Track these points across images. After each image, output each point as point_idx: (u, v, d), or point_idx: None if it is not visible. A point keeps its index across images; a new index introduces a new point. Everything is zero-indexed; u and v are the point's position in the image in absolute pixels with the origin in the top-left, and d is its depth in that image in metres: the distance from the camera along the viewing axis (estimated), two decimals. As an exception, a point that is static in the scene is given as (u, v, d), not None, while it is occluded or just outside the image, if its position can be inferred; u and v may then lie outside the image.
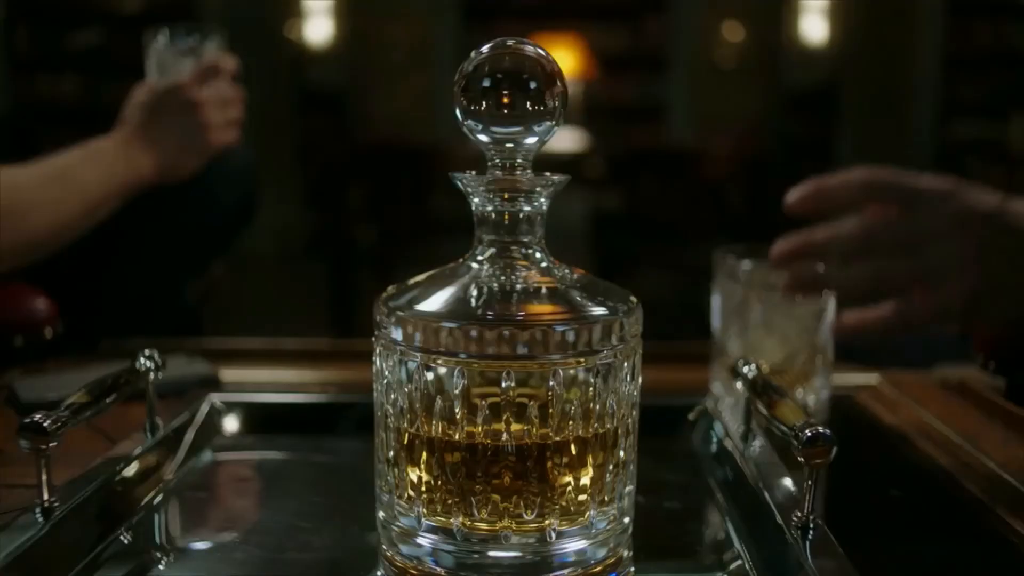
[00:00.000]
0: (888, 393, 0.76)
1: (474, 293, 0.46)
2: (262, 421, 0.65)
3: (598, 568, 0.45)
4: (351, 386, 0.74)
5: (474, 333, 0.43)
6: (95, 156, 0.97)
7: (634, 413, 0.47)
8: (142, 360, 0.57)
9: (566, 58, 5.02)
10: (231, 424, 0.64)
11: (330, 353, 0.90)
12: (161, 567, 0.46)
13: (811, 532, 0.43)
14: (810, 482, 0.44)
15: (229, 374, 0.77)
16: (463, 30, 7.85)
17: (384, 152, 4.31)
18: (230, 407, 0.65)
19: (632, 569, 0.46)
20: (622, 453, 0.47)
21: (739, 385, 0.56)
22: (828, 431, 0.43)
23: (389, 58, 7.90)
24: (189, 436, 0.60)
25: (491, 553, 0.44)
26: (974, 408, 0.72)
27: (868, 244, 0.67)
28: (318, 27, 7.53)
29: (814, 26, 7.22)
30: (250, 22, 6.32)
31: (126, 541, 0.48)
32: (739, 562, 0.47)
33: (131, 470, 0.53)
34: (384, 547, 0.46)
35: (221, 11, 6.89)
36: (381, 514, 0.47)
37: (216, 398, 0.65)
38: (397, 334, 0.45)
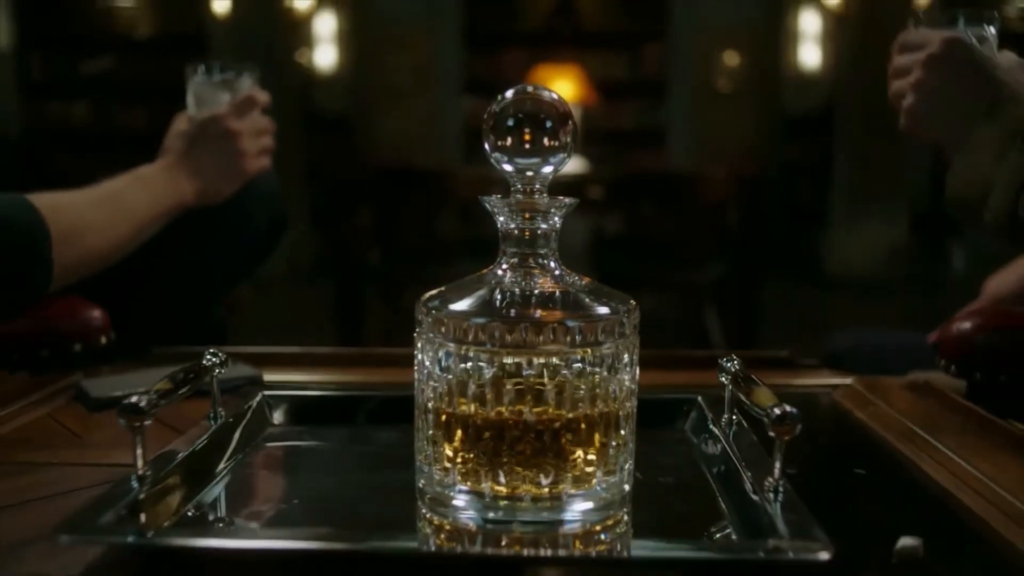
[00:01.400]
0: (861, 392, 0.85)
1: (499, 296, 0.55)
2: (306, 412, 0.74)
3: (599, 527, 0.54)
4: (376, 385, 0.83)
5: (500, 329, 0.52)
6: (142, 181, 1.07)
7: (633, 398, 0.56)
8: (208, 357, 0.66)
9: (567, 84, 5.12)
10: (279, 415, 0.73)
11: (350, 356, 0.99)
12: (233, 524, 0.55)
13: (780, 494, 0.52)
14: (780, 453, 0.53)
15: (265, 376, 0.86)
16: (465, 56, 7.99)
17: (389, 174, 4.41)
18: (278, 401, 0.74)
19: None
20: (623, 432, 0.56)
21: (723, 378, 0.65)
22: (794, 409, 0.52)
23: (393, 83, 8.03)
24: (245, 423, 0.69)
25: (513, 512, 0.53)
26: (936, 404, 0.81)
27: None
28: (324, 53, 7.67)
29: (810, 52, 7.34)
30: (259, 48, 6.44)
31: (204, 503, 0.57)
32: (723, 521, 0.56)
33: (204, 448, 0.61)
34: (424, 509, 0.55)
35: (230, 37, 7.03)
36: (421, 482, 0.56)
37: (264, 393, 0.74)
38: (436, 330, 0.54)
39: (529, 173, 0.54)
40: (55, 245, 0.91)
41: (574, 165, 5.14)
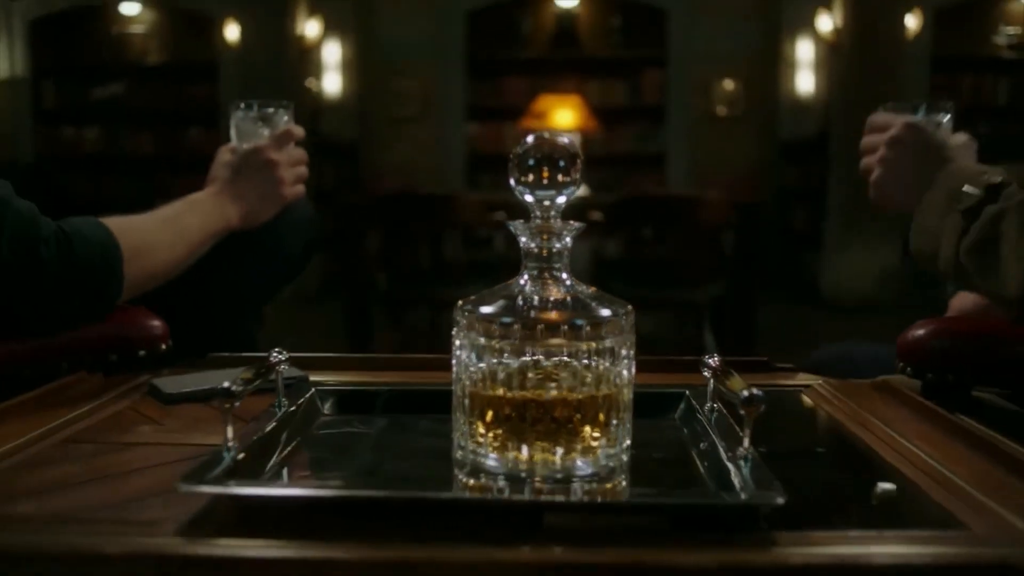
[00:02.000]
0: (828, 390, 0.97)
1: (521, 301, 0.68)
2: (351, 404, 0.86)
3: (601, 487, 0.66)
4: (408, 382, 0.96)
5: (522, 328, 0.65)
6: (194, 206, 1.20)
7: (630, 384, 0.69)
8: (274, 355, 0.79)
9: (568, 111, 5.27)
10: (328, 406, 0.86)
11: (376, 361, 1.12)
12: (301, 483, 0.68)
13: (749, 461, 0.65)
14: (748, 428, 0.66)
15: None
16: (468, 84, 8.15)
17: (394, 199, 4.54)
18: (326, 394, 0.87)
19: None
20: (622, 412, 0.69)
21: (705, 372, 0.78)
22: (760, 392, 0.65)
23: (398, 110, 8.19)
24: (303, 411, 0.82)
25: (534, 475, 0.65)
26: (893, 401, 0.94)
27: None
28: (331, 81, 7.83)
29: (805, 79, 7.51)
30: (267, 76, 6.60)
31: (280, 468, 0.70)
32: (702, 480, 0.68)
33: (274, 428, 0.74)
34: (459, 474, 0.68)
35: (239, 65, 7.19)
36: (459, 454, 0.69)
37: (316, 388, 0.87)
38: (470, 329, 0.67)
39: (546, 203, 0.68)
40: (125, 263, 1.04)
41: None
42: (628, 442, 0.69)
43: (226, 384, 0.67)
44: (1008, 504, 0.62)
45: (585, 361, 0.67)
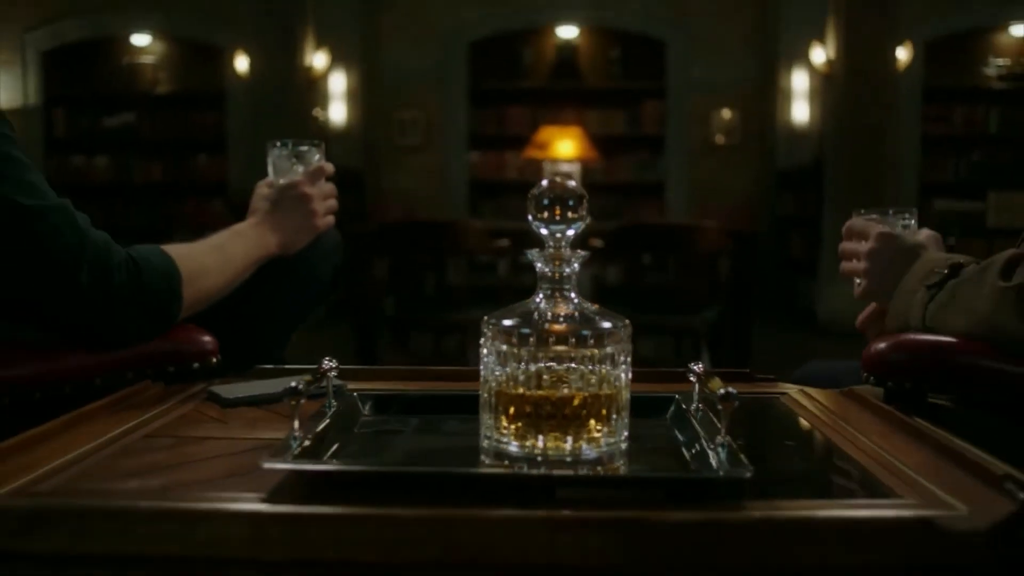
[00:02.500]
0: (802, 397, 1.11)
1: (537, 316, 0.82)
2: (386, 406, 1.00)
3: (601, 469, 0.80)
4: (435, 388, 1.10)
5: (538, 337, 0.79)
6: (239, 235, 1.35)
7: (627, 386, 0.83)
8: (326, 362, 0.93)
9: (569, 141, 5.43)
10: (368, 408, 1.00)
11: (399, 372, 1.25)
12: (355, 462, 0.82)
13: (725, 446, 0.79)
14: (725, 420, 0.79)
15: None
16: (471, 113, 8.33)
17: (400, 227, 4.68)
18: (365, 397, 1.01)
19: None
20: (621, 409, 0.82)
21: (691, 377, 0.92)
22: (734, 390, 0.79)
23: (403, 139, 8.36)
24: (349, 411, 0.95)
25: (547, 458, 0.79)
26: (857, 406, 1.08)
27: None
28: (337, 111, 8.00)
29: (799, 109, 7.68)
30: (274, 106, 6.76)
31: (338, 456, 0.84)
32: (686, 463, 0.82)
33: (328, 424, 0.88)
34: (485, 458, 0.82)
35: (248, 95, 7.37)
36: (484, 443, 0.83)
37: (356, 393, 1.01)
38: (496, 338, 0.81)
39: (558, 235, 0.82)
40: (183, 286, 1.18)
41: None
42: (626, 433, 0.83)
43: (293, 384, 0.81)
44: (936, 481, 0.75)
45: (590, 366, 0.81)
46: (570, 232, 0.82)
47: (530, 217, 0.82)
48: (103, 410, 1.00)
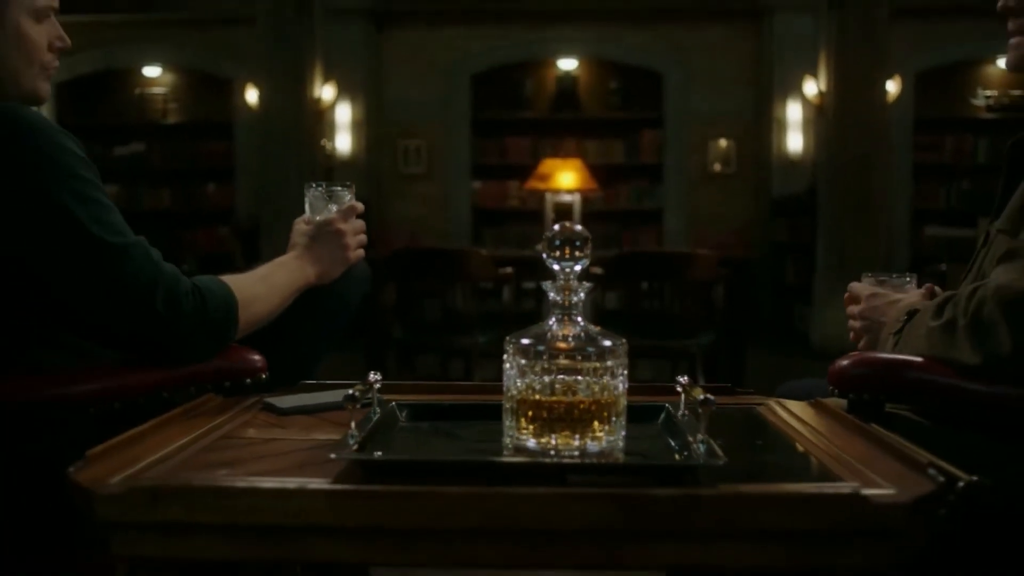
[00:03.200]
0: (775, 406, 1.29)
1: (549, 336, 1.00)
2: (419, 413, 1.18)
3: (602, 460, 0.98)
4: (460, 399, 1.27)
5: (550, 354, 0.97)
6: (282, 266, 1.53)
7: (624, 394, 1.01)
8: (373, 375, 1.11)
9: (569, 171, 5.63)
10: (403, 415, 1.17)
11: (427, 387, 1.43)
12: (402, 454, 0.99)
13: (703, 444, 0.96)
14: (704, 422, 0.97)
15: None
16: (473, 143, 8.54)
17: (408, 254, 4.86)
18: (401, 406, 1.18)
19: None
20: (619, 413, 1.00)
21: (678, 388, 1.10)
22: (712, 397, 0.97)
23: (406, 168, 8.57)
24: (389, 416, 1.13)
25: (559, 452, 0.97)
26: (822, 414, 1.25)
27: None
28: (343, 141, 8.21)
29: (794, 139, 7.89)
30: (282, 135, 6.96)
31: (386, 451, 1.01)
32: (672, 456, 1.00)
33: (374, 426, 1.06)
34: (508, 452, 0.99)
35: (256, 124, 7.57)
36: (507, 440, 1.00)
37: (394, 403, 1.18)
38: (516, 354, 0.99)
39: (567, 269, 1.00)
40: (239, 311, 1.36)
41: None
42: (623, 433, 1.01)
43: (351, 392, 0.99)
44: (875, 469, 0.93)
45: (593, 377, 0.99)
46: (577, 267, 1.00)
47: (544, 255, 1.00)
48: (180, 417, 1.18)
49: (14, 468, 1.22)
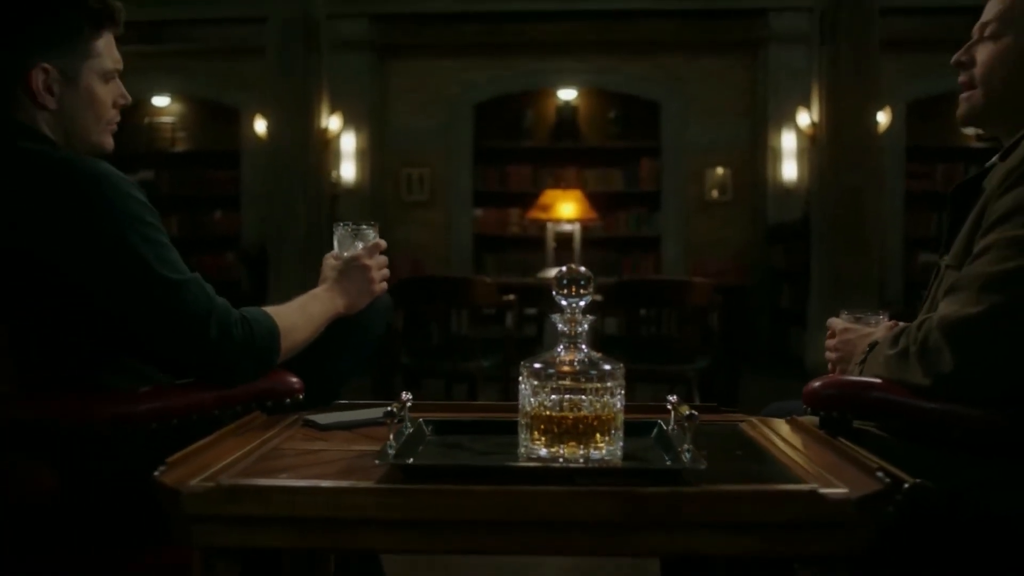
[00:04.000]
0: (756, 423, 1.46)
1: (559, 361, 1.17)
2: (443, 428, 1.35)
3: (603, 465, 1.15)
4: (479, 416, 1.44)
5: (559, 375, 1.15)
6: (316, 298, 1.70)
7: (622, 411, 1.18)
8: (405, 395, 1.28)
9: (569, 202, 5.82)
10: (429, 429, 1.35)
11: (442, 406, 1.60)
12: (435, 460, 1.16)
13: (689, 452, 1.14)
14: (689, 434, 1.14)
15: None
16: (475, 171, 8.74)
17: (415, 281, 5.03)
18: (428, 422, 1.35)
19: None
20: (617, 427, 1.18)
21: (668, 405, 1.27)
22: (696, 413, 1.14)
23: (410, 195, 8.76)
24: (418, 431, 1.30)
25: (566, 459, 1.14)
26: (797, 430, 1.43)
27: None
28: (347, 169, 8.40)
29: (789, 168, 8.09)
30: (288, 164, 7.14)
31: (418, 457, 1.18)
32: (662, 463, 1.17)
33: (407, 439, 1.23)
34: (523, 460, 1.16)
35: (263, 153, 7.77)
36: (522, 450, 1.18)
37: (421, 420, 1.36)
38: (529, 376, 1.16)
39: (574, 305, 1.18)
40: (281, 339, 1.54)
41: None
42: (621, 444, 1.18)
43: (391, 409, 1.17)
44: (833, 473, 1.11)
45: (595, 396, 1.16)
46: (582, 303, 1.18)
47: (554, 292, 1.18)
48: (234, 431, 1.35)
49: (90, 476, 1.39)
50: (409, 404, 1.29)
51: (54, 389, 1.42)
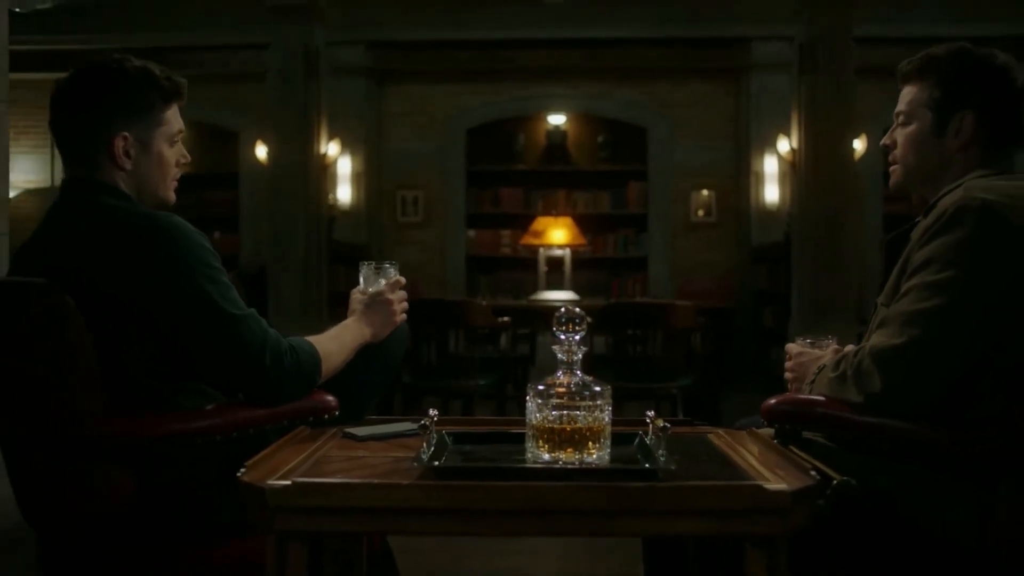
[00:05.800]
0: (722, 434, 1.75)
1: (556, 383, 1.46)
2: (461, 438, 1.63)
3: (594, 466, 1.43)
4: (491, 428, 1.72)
5: (558, 394, 1.43)
6: (347, 328, 1.98)
7: (609, 424, 1.46)
8: (432, 412, 1.56)
9: (560, 230, 6.11)
10: (450, 440, 1.62)
11: (455, 420, 1.88)
12: (463, 463, 1.44)
13: (664, 456, 1.42)
14: (663, 442, 1.43)
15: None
16: (468, 194, 9.03)
17: (414, 303, 5.27)
18: (449, 434, 1.63)
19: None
20: (606, 437, 1.46)
21: (647, 419, 1.55)
22: (668, 425, 1.43)
23: (405, 217, 9.03)
24: (441, 440, 1.58)
25: (565, 463, 1.43)
26: (755, 440, 1.71)
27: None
28: (344, 191, 8.66)
29: (771, 191, 8.40)
30: (286, 187, 7.38)
31: (446, 460, 1.46)
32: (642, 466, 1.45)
33: (434, 448, 1.51)
34: (530, 463, 1.45)
35: (262, 176, 8.03)
36: (529, 455, 1.46)
37: (444, 431, 1.63)
38: (535, 394, 1.45)
39: (569, 339, 1.46)
40: (321, 365, 1.82)
41: (567, 295, 6.12)
42: (608, 451, 1.46)
43: (423, 422, 1.45)
44: (776, 473, 1.39)
45: (587, 412, 1.44)
46: (576, 338, 1.46)
47: (554, 328, 1.47)
48: (287, 443, 1.63)
49: (164, 481, 1.66)
50: (435, 418, 1.57)
51: (134, 408, 1.69)
